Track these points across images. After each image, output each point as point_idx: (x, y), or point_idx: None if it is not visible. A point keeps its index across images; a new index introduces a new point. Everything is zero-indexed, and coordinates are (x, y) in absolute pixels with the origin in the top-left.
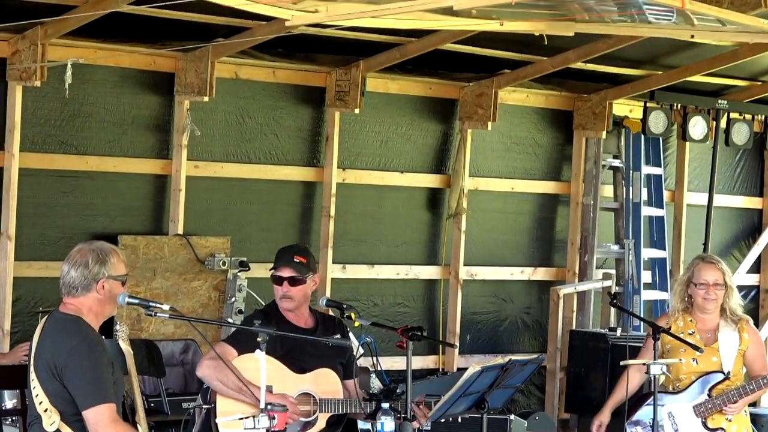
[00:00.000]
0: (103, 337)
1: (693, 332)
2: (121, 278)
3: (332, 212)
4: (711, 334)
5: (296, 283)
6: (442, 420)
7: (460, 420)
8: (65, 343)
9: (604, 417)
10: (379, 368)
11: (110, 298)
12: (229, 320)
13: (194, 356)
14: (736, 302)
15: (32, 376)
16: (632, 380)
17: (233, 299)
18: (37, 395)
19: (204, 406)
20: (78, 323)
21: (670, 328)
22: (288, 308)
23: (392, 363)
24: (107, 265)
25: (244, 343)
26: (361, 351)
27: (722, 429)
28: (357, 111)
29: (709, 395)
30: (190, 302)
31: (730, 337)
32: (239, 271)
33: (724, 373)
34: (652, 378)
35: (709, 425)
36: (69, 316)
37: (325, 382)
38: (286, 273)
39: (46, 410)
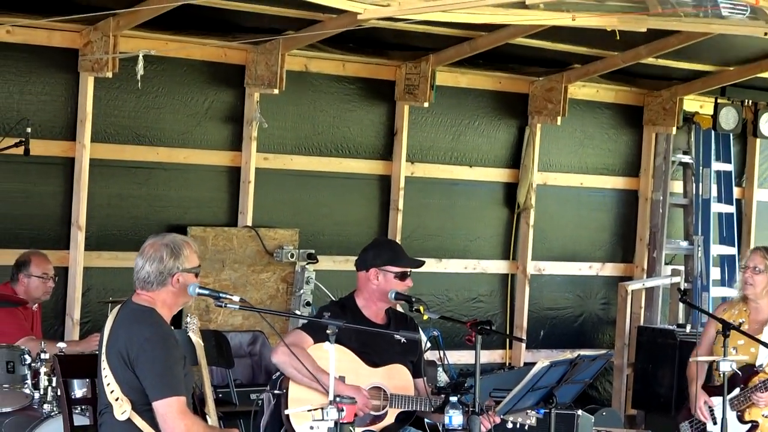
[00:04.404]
0: (173, 328)
1: (743, 321)
2: (195, 270)
3: (400, 205)
4: (759, 326)
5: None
6: (509, 425)
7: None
8: (139, 334)
9: (703, 397)
10: (446, 362)
11: (184, 291)
12: (297, 312)
13: (262, 348)
14: None
15: (104, 365)
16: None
17: (301, 291)
18: (108, 384)
19: (275, 392)
20: (152, 315)
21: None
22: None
23: (459, 357)
24: (181, 258)
25: (319, 331)
26: (428, 345)
27: (756, 422)
28: (426, 104)
29: (742, 388)
30: (258, 294)
31: None
32: (307, 263)
33: (755, 365)
34: (722, 375)
35: (745, 418)
36: (143, 307)
37: (397, 377)
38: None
39: (117, 399)
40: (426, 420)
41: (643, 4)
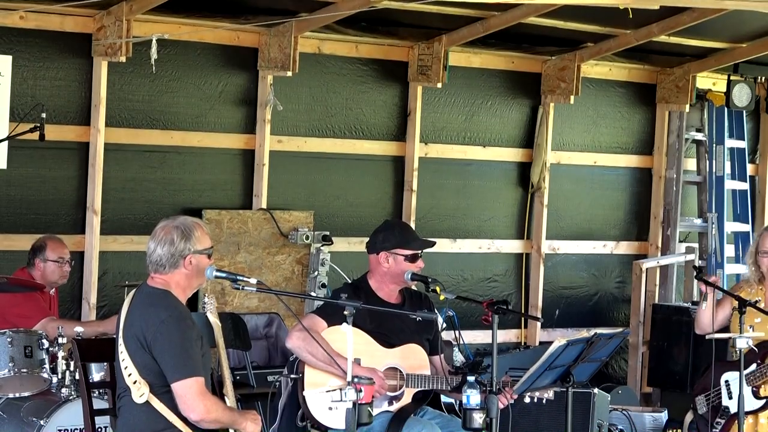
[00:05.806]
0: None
1: (759, 300)
2: (207, 251)
3: (414, 186)
4: None
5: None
6: (527, 400)
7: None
8: (155, 316)
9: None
10: (461, 342)
11: (198, 272)
12: (313, 294)
13: (278, 330)
14: None
15: (121, 348)
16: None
17: (316, 273)
18: (126, 367)
19: (292, 376)
20: (167, 297)
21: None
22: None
23: (474, 337)
24: (192, 239)
25: (332, 315)
26: (444, 325)
27: None
28: (439, 85)
29: (758, 364)
30: (273, 276)
31: None
32: (322, 245)
33: None
34: (739, 352)
35: (760, 394)
36: (157, 290)
37: (412, 357)
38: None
39: (135, 382)
40: (443, 399)
41: None
